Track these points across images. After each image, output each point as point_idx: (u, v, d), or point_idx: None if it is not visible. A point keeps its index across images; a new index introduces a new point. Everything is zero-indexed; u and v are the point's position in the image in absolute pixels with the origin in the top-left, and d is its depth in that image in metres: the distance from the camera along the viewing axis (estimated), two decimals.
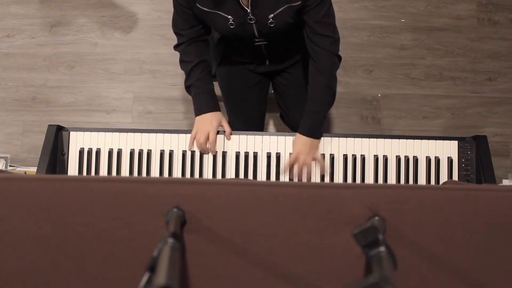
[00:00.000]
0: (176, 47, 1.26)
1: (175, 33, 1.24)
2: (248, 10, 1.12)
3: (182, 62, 1.25)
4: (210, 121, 1.23)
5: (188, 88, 1.26)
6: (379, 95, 2.05)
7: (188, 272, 0.54)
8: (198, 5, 1.12)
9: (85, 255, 0.54)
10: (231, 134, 1.25)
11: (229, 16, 1.14)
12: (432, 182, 1.22)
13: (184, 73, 1.26)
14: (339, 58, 1.22)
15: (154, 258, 0.44)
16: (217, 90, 1.87)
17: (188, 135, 1.24)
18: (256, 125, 1.51)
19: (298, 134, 1.23)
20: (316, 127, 1.21)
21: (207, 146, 1.22)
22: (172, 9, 1.21)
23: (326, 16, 1.14)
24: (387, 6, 2.14)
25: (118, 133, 1.24)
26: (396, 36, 2.11)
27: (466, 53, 2.09)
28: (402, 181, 1.21)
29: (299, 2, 1.10)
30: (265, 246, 0.54)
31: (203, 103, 1.25)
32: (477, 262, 0.55)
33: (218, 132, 1.24)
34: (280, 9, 1.12)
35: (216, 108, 1.25)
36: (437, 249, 0.54)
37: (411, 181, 1.21)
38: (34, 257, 0.54)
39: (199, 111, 1.25)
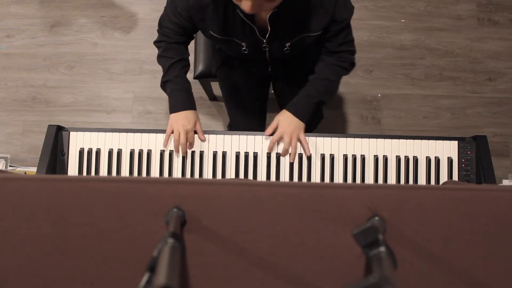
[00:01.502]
0: (157, 43, 1.23)
1: (161, 32, 1.21)
2: (264, 40, 1.12)
3: (161, 57, 1.22)
4: (187, 119, 1.19)
5: (164, 83, 1.23)
6: (379, 95, 2.05)
7: (188, 272, 0.54)
8: (211, 32, 1.11)
9: (85, 255, 0.54)
10: (203, 136, 1.22)
11: (243, 43, 1.13)
12: (432, 182, 1.22)
13: (162, 68, 1.23)
14: (354, 65, 1.25)
15: (154, 258, 0.44)
16: (218, 91, 1.87)
17: None
18: (257, 125, 1.51)
19: (284, 111, 1.22)
20: (305, 109, 1.21)
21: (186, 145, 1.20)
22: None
23: (347, 35, 1.16)
24: (387, 6, 2.14)
25: (118, 133, 1.24)
26: (396, 36, 2.11)
27: (466, 53, 2.09)
28: (402, 181, 1.21)
29: (319, 32, 1.10)
30: (265, 246, 0.54)
31: (180, 100, 1.21)
32: (477, 262, 0.55)
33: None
34: (297, 38, 1.12)
35: (193, 107, 1.23)
36: (437, 249, 0.54)
37: (411, 181, 1.21)
38: (34, 257, 0.54)
39: (175, 108, 1.21)
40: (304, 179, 1.23)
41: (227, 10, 1.06)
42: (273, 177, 1.23)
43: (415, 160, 1.21)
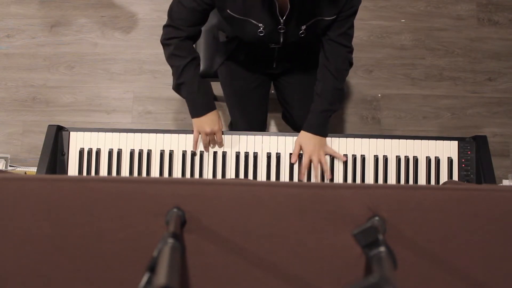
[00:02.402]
0: (166, 40, 1.17)
1: (172, 26, 1.16)
2: (282, 21, 1.12)
3: (173, 56, 1.17)
4: (213, 121, 1.21)
5: (179, 86, 1.19)
6: (379, 95, 2.05)
7: (188, 272, 0.54)
8: (229, 11, 1.10)
9: (85, 255, 0.54)
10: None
11: (260, 24, 1.13)
12: (432, 182, 1.22)
13: (174, 68, 1.19)
14: (351, 64, 1.25)
15: (154, 258, 0.44)
16: (218, 91, 1.87)
17: (188, 135, 1.24)
18: (258, 125, 1.51)
19: (304, 133, 1.21)
20: (323, 125, 1.22)
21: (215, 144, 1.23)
22: None
23: (350, 28, 1.17)
24: (387, 6, 2.14)
25: (118, 133, 1.24)
26: (396, 36, 2.11)
27: (466, 53, 2.09)
28: (402, 181, 1.21)
29: (334, 17, 1.11)
30: (265, 246, 0.54)
31: (201, 103, 1.21)
32: (477, 262, 0.55)
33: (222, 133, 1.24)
34: (312, 21, 1.12)
35: (214, 107, 1.23)
36: (437, 249, 0.54)
37: (411, 181, 1.21)
38: (34, 257, 0.54)
39: (197, 113, 1.20)
40: (304, 179, 1.23)
41: None
42: (273, 177, 1.23)
43: (415, 160, 1.21)
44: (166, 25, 1.18)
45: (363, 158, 1.22)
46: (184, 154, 1.23)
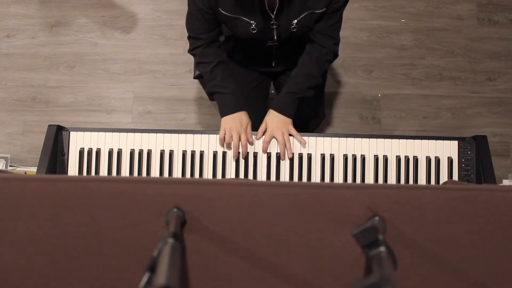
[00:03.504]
0: (192, 51, 1.25)
1: (191, 37, 1.22)
2: (272, 16, 1.12)
3: (200, 64, 1.24)
4: (240, 121, 1.22)
5: (210, 89, 1.25)
6: (379, 95, 2.05)
7: (188, 272, 0.54)
8: (220, 10, 1.12)
9: (85, 255, 0.54)
10: (252, 138, 1.24)
11: (252, 21, 1.14)
12: (432, 182, 1.22)
13: (204, 75, 1.25)
14: (336, 56, 1.27)
15: (154, 258, 0.44)
16: None
17: (188, 135, 1.24)
18: (258, 125, 1.51)
19: (271, 111, 1.26)
20: (289, 106, 1.25)
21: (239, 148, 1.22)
22: (171, 10, 1.21)
23: (338, 21, 1.18)
24: (387, 6, 2.14)
25: (118, 133, 1.24)
26: (396, 36, 2.11)
27: (466, 53, 2.09)
28: (402, 181, 1.21)
29: (323, 10, 1.12)
30: (265, 246, 0.54)
31: (230, 103, 1.24)
32: (477, 262, 0.55)
33: None
34: (303, 15, 1.13)
35: (244, 108, 1.25)
36: (437, 249, 0.54)
37: (411, 181, 1.21)
38: (34, 257, 0.54)
39: (226, 112, 1.24)
40: (304, 179, 1.23)
41: None
42: (273, 177, 1.23)
43: (415, 160, 1.21)
44: (188, 37, 1.24)
45: (363, 158, 1.22)
46: (184, 154, 1.23)
